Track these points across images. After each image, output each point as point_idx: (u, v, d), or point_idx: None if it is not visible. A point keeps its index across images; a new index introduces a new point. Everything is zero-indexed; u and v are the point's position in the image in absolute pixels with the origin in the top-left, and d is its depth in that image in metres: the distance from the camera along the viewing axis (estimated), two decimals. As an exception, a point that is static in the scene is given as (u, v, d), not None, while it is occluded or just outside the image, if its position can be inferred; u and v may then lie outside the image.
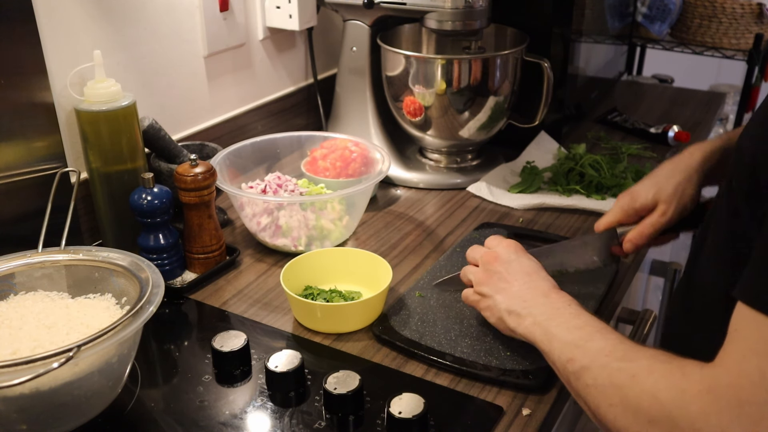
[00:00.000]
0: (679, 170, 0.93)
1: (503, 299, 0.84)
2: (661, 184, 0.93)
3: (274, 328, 0.95)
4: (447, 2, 1.25)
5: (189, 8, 1.23)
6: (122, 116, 1.01)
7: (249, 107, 1.41)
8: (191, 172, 1.00)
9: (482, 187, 1.32)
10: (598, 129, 1.61)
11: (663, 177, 0.94)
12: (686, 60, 2.30)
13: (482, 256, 0.89)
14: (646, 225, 0.93)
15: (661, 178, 0.94)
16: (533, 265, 0.87)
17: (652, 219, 0.93)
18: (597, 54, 1.64)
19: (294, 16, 1.38)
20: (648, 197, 0.94)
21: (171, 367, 0.88)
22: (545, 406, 0.81)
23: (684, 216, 0.93)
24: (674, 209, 0.92)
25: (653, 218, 0.93)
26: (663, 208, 0.92)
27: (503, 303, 0.83)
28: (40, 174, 1.01)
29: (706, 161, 0.93)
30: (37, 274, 0.87)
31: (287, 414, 0.79)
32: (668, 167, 0.95)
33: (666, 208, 0.92)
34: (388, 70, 1.34)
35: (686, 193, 0.92)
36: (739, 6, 2.03)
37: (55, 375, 0.70)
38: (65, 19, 1.04)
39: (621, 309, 1.14)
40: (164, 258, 1.02)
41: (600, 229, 0.97)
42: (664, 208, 0.92)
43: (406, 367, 0.87)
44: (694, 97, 1.85)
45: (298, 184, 1.17)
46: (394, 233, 1.19)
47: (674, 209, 0.92)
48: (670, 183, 0.93)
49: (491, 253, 0.89)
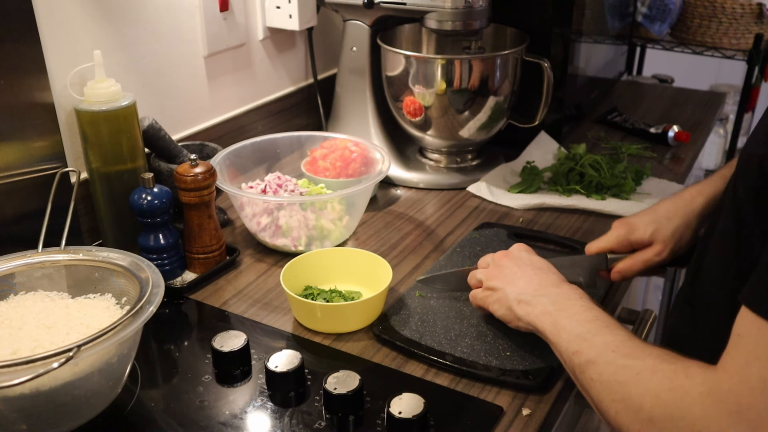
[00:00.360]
0: (680, 214, 0.94)
1: (513, 289, 0.85)
2: (660, 224, 0.94)
3: (274, 328, 0.95)
4: (447, 2, 1.25)
5: (189, 8, 1.23)
6: (122, 116, 1.01)
7: (249, 107, 1.41)
8: (191, 172, 1.00)
9: (482, 187, 1.32)
10: (598, 129, 1.61)
11: (663, 217, 0.94)
12: (686, 60, 2.30)
13: (492, 256, 0.92)
14: (639, 261, 0.94)
15: (661, 218, 0.94)
16: (544, 262, 0.89)
17: (645, 256, 0.94)
18: (597, 54, 1.64)
19: (294, 16, 1.38)
20: (645, 234, 0.94)
21: (171, 367, 0.88)
22: (545, 406, 0.81)
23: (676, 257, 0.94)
24: (669, 251, 0.93)
25: (647, 256, 0.94)
26: (659, 248, 0.93)
27: (513, 293, 0.84)
28: (40, 174, 1.01)
29: (707, 207, 0.94)
30: (37, 274, 0.87)
31: (287, 414, 0.79)
32: (670, 207, 0.95)
33: (662, 249, 0.93)
34: (388, 70, 1.34)
35: (684, 237, 0.93)
36: (739, 6, 2.03)
37: (55, 375, 0.70)
38: (65, 19, 1.04)
39: (621, 309, 1.14)
40: (164, 258, 1.02)
41: (591, 251, 0.98)
42: (659, 249, 0.93)
43: (406, 367, 0.87)
44: (694, 97, 1.85)
45: (298, 184, 1.17)
46: (394, 233, 1.19)
47: (669, 251, 0.93)
48: (669, 225, 0.93)
49: (502, 252, 0.92)
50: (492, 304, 0.88)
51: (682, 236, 0.93)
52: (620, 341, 0.69)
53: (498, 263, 0.90)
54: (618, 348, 0.69)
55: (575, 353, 0.72)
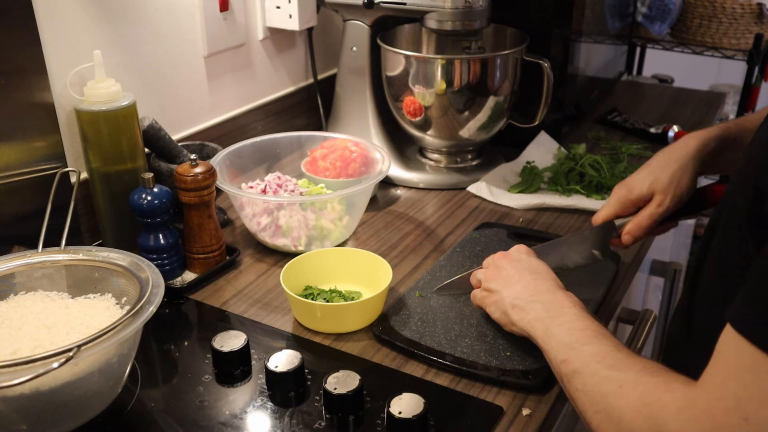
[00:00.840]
0: (674, 159, 0.93)
1: (509, 293, 0.85)
2: (656, 175, 0.93)
3: (274, 328, 0.95)
4: (447, 2, 1.25)
5: (189, 8, 1.23)
6: (122, 116, 1.01)
7: (249, 107, 1.41)
8: (191, 172, 1.00)
9: (482, 187, 1.32)
10: (598, 129, 1.61)
11: (658, 167, 0.94)
12: (686, 60, 2.30)
13: (493, 257, 0.92)
14: (644, 216, 0.93)
15: (656, 169, 0.94)
16: (542, 266, 0.88)
17: (649, 210, 0.93)
18: (597, 54, 1.64)
19: (294, 16, 1.38)
20: (644, 188, 0.94)
21: (171, 367, 0.88)
22: (545, 406, 0.81)
23: (681, 204, 0.93)
24: (671, 199, 0.92)
25: (650, 209, 0.93)
26: (659, 198, 0.93)
27: (509, 297, 0.85)
28: (40, 174, 1.01)
29: (702, 149, 0.93)
30: (37, 274, 0.87)
31: (287, 414, 0.79)
32: (663, 157, 0.95)
33: (662, 198, 0.92)
34: (388, 70, 1.34)
35: (682, 182, 0.92)
36: (739, 6, 2.03)
37: (55, 375, 0.69)
38: (65, 19, 1.04)
39: (621, 309, 1.14)
40: (164, 258, 1.02)
41: (598, 222, 0.97)
42: (660, 199, 0.92)
43: (406, 367, 0.87)
44: (694, 97, 1.85)
45: (298, 184, 1.17)
46: (394, 233, 1.19)
47: (671, 199, 0.92)
48: (665, 173, 0.93)
49: (501, 252, 0.92)
50: (489, 306, 0.89)
51: (680, 181, 0.92)
52: (606, 352, 0.70)
53: (497, 264, 0.90)
54: (603, 359, 0.69)
55: (563, 362, 0.73)
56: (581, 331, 0.74)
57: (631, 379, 0.65)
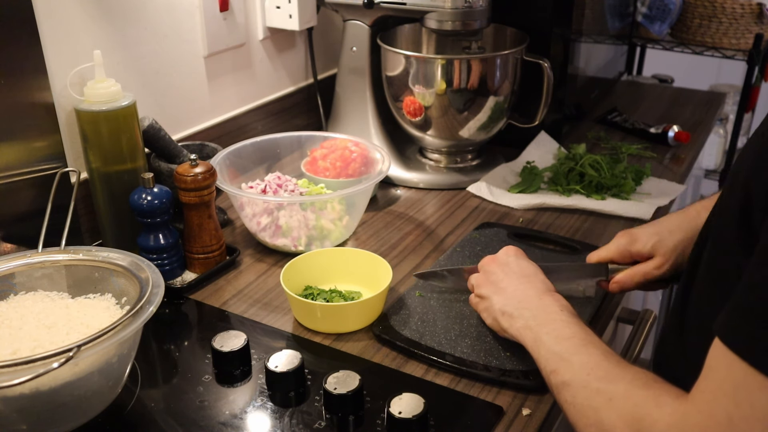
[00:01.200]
0: (684, 228, 0.92)
1: (498, 300, 0.85)
2: (662, 237, 0.92)
3: (274, 328, 0.95)
4: (447, 2, 1.25)
5: (189, 8, 1.23)
6: (122, 116, 1.01)
7: (249, 107, 1.41)
8: (191, 172, 1.00)
9: (482, 187, 1.32)
10: (598, 129, 1.61)
11: (666, 230, 0.93)
12: (686, 60, 2.30)
13: (483, 260, 0.92)
14: (638, 273, 0.92)
15: (664, 231, 0.93)
16: (531, 268, 0.88)
17: (645, 269, 0.92)
18: (597, 54, 1.65)
19: (294, 16, 1.38)
20: (647, 246, 0.92)
21: (171, 367, 0.88)
22: (545, 406, 0.81)
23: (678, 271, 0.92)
24: (670, 265, 0.91)
25: (647, 268, 0.92)
26: (659, 261, 0.91)
27: (498, 303, 0.85)
28: (40, 174, 1.01)
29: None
30: (37, 274, 0.87)
31: (287, 414, 0.79)
32: (674, 221, 0.94)
33: (662, 262, 0.91)
34: (388, 70, 1.34)
35: (686, 252, 0.90)
36: (739, 6, 2.03)
37: (55, 375, 0.69)
38: (65, 19, 1.04)
39: (621, 309, 1.14)
40: (164, 258, 1.02)
41: (592, 260, 0.96)
42: (660, 262, 0.91)
43: (406, 367, 0.87)
44: (694, 97, 1.85)
45: (298, 184, 1.17)
46: (394, 233, 1.19)
47: (670, 265, 0.91)
48: (672, 238, 0.91)
49: (490, 256, 0.92)
50: (481, 312, 0.89)
51: (684, 251, 0.90)
52: (596, 362, 0.69)
53: (485, 270, 0.90)
54: (593, 370, 0.69)
55: (552, 372, 0.73)
56: (569, 340, 0.74)
57: (622, 392, 0.65)
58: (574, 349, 0.72)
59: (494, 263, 0.90)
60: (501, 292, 0.86)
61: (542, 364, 0.75)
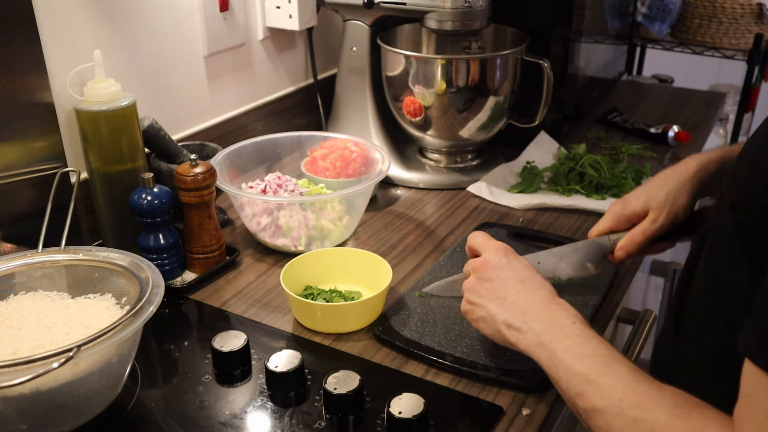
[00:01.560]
0: (673, 179, 0.93)
1: (499, 310, 0.79)
2: (652, 192, 0.93)
3: (274, 328, 0.95)
4: (447, 2, 1.25)
5: (189, 8, 1.23)
6: (122, 116, 1.01)
7: (249, 107, 1.41)
8: (191, 172, 1.00)
9: (482, 187, 1.32)
10: (598, 129, 1.61)
11: (655, 185, 0.94)
12: (686, 60, 2.30)
13: (472, 264, 0.85)
14: (637, 232, 0.92)
15: (653, 187, 0.94)
16: (526, 270, 0.82)
17: (642, 226, 0.92)
18: (597, 54, 1.64)
19: (294, 16, 1.38)
20: (639, 204, 0.93)
21: (171, 367, 0.88)
22: (545, 406, 0.81)
23: (678, 224, 0.93)
24: (665, 216, 0.91)
25: (644, 225, 0.92)
26: (654, 215, 0.92)
27: (500, 314, 0.79)
28: (40, 174, 1.01)
29: (701, 171, 0.92)
30: (37, 274, 0.87)
31: (287, 414, 0.79)
32: (662, 176, 0.95)
33: (657, 215, 0.91)
34: (388, 70, 1.34)
35: (678, 201, 0.91)
36: (739, 6, 2.03)
37: (55, 375, 0.69)
38: (65, 19, 1.04)
39: (621, 309, 1.14)
40: (164, 258, 1.02)
41: (593, 235, 0.96)
42: (654, 215, 0.92)
43: (406, 367, 0.87)
44: (694, 97, 1.85)
45: (298, 184, 1.17)
46: (394, 233, 1.19)
47: (665, 216, 0.91)
48: (661, 191, 0.92)
49: (480, 260, 0.84)
50: (476, 322, 0.82)
51: (676, 199, 0.91)
52: (626, 385, 0.65)
53: (478, 275, 0.83)
54: (624, 394, 0.65)
55: (579, 396, 0.68)
56: (590, 358, 0.69)
57: (662, 422, 0.61)
58: (599, 370, 0.68)
59: (486, 267, 0.82)
60: (499, 301, 0.79)
61: (563, 386, 0.71)
